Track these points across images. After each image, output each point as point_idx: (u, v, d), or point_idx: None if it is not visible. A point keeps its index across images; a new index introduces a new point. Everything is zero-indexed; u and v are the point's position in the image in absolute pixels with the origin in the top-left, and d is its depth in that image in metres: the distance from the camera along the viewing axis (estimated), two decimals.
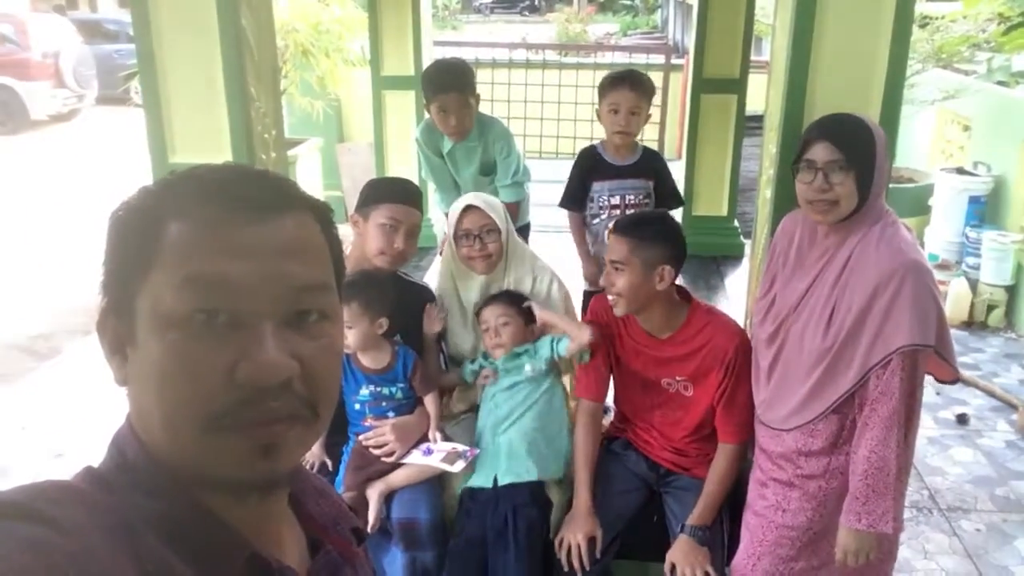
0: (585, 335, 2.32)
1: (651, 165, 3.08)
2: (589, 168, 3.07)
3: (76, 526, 0.60)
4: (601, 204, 3.03)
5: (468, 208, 2.48)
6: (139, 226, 0.70)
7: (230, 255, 0.68)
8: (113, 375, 0.73)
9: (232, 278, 0.67)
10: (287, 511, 0.81)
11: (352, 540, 0.88)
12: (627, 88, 2.91)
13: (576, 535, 2.20)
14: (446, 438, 2.38)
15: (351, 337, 2.23)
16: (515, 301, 2.47)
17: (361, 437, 2.30)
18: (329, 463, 2.33)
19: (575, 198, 3.10)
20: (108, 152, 10.62)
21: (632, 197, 3.00)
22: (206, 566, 0.67)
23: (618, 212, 2.99)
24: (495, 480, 2.29)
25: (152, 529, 0.65)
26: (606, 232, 2.98)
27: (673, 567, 2.18)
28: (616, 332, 2.38)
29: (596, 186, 3.04)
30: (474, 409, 2.57)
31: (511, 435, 2.35)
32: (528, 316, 2.46)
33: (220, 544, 0.69)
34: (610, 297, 2.23)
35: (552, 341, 2.41)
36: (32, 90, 12.78)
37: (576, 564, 2.18)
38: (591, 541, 2.21)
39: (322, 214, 0.77)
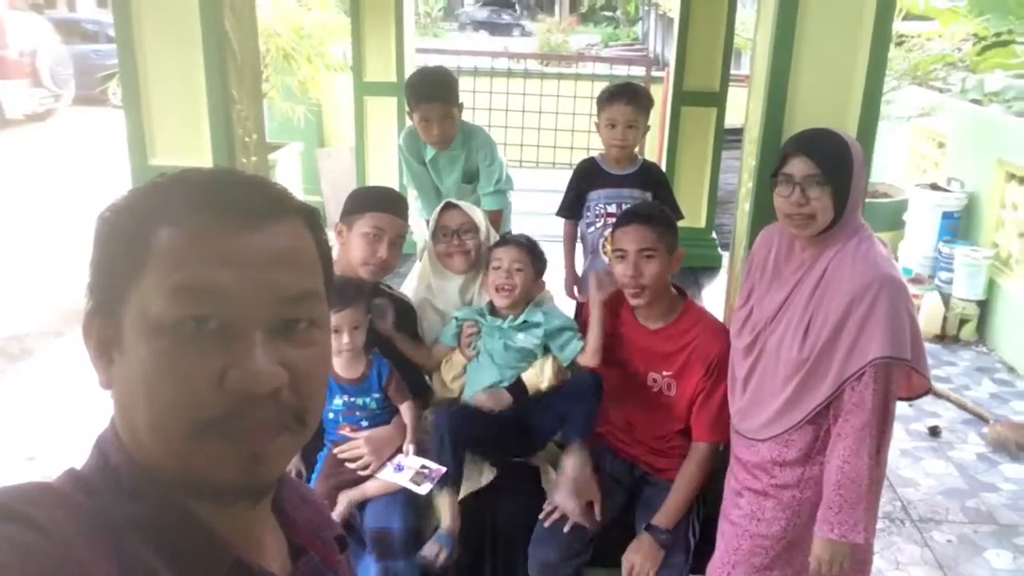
0: (595, 362, 2.36)
1: (650, 177, 3.06)
2: (586, 177, 3.06)
3: (59, 529, 0.60)
4: (597, 212, 3.01)
5: (448, 206, 2.56)
6: (128, 230, 0.69)
7: (221, 263, 0.67)
8: (98, 378, 0.72)
9: (223, 286, 0.67)
10: (270, 517, 0.81)
11: (334, 547, 0.88)
12: (623, 102, 2.90)
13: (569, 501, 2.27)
14: (419, 452, 2.36)
15: (357, 339, 2.22)
16: (532, 251, 2.44)
17: (336, 451, 2.28)
18: (303, 470, 2.32)
19: (571, 207, 3.10)
20: (84, 153, 10.51)
21: (628, 206, 2.95)
22: (189, 571, 0.67)
23: (613, 221, 2.98)
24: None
25: (135, 533, 0.65)
26: (601, 242, 2.99)
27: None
28: (611, 326, 2.42)
29: (593, 195, 3.03)
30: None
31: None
32: (538, 271, 2.46)
33: (203, 549, 0.69)
34: (632, 289, 2.26)
35: (558, 335, 2.41)
36: (8, 89, 12.63)
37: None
38: (590, 506, 2.29)
39: (312, 220, 0.77)
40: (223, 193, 0.71)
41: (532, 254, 2.43)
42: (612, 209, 2.98)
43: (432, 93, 2.99)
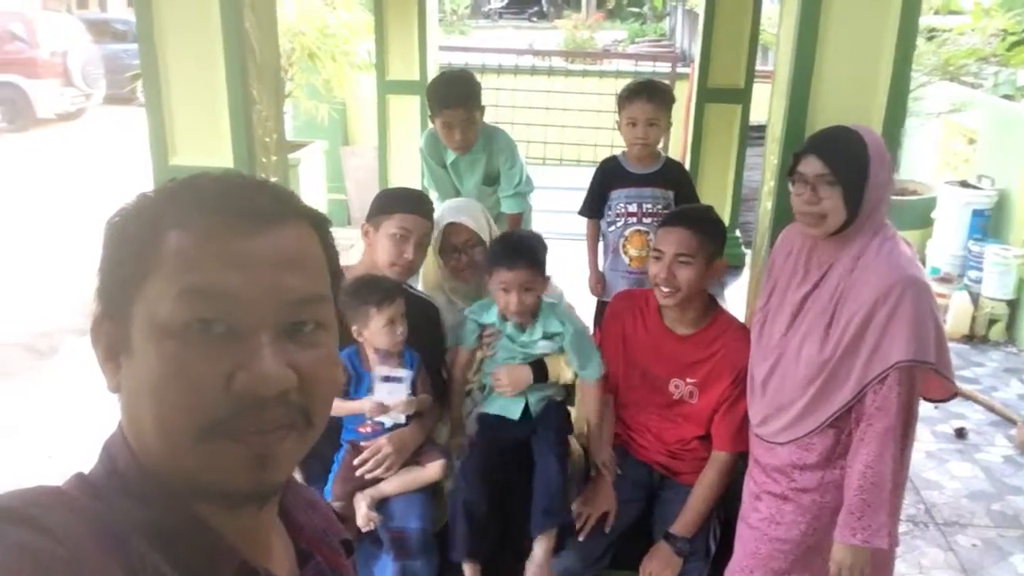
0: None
1: (673, 176, 3.02)
2: (609, 176, 3.03)
3: (67, 532, 0.60)
4: (618, 212, 2.99)
5: (450, 225, 2.51)
6: (137, 234, 0.70)
7: (229, 266, 0.68)
8: (106, 382, 0.73)
9: (230, 289, 0.68)
10: (277, 521, 0.81)
11: (341, 551, 0.88)
12: (644, 100, 2.86)
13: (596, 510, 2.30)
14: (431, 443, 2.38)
15: (398, 334, 2.23)
16: (536, 262, 2.29)
17: (357, 460, 2.26)
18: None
19: (593, 206, 3.08)
20: (114, 152, 10.64)
21: (650, 206, 2.95)
22: (195, 575, 0.68)
23: (635, 220, 2.96)
24: (526, 408, 2.37)
25: (142, 537, 0.65)
26: (621, 242, 2.98)
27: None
28: (633, 329, 2.40)
29: (614, 194, 3.00)
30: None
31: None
32: (544, 279, 2.33)
33: (210, 553, 0.70)
34: (664, 288, 2.22)
35: (581, 351, 2.38)
36: (39, 88, 12.83)
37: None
38: (604, 515, 2.31)
39: (320, 224, 0.78)
40: (231, 196, 0.71)
41: (536, 267, 2.30)
42: (633, 209, 2.96)
43: (454, 99, 2.97)
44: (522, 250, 2.30)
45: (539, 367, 2.37)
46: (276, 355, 0.68)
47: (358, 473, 2.25)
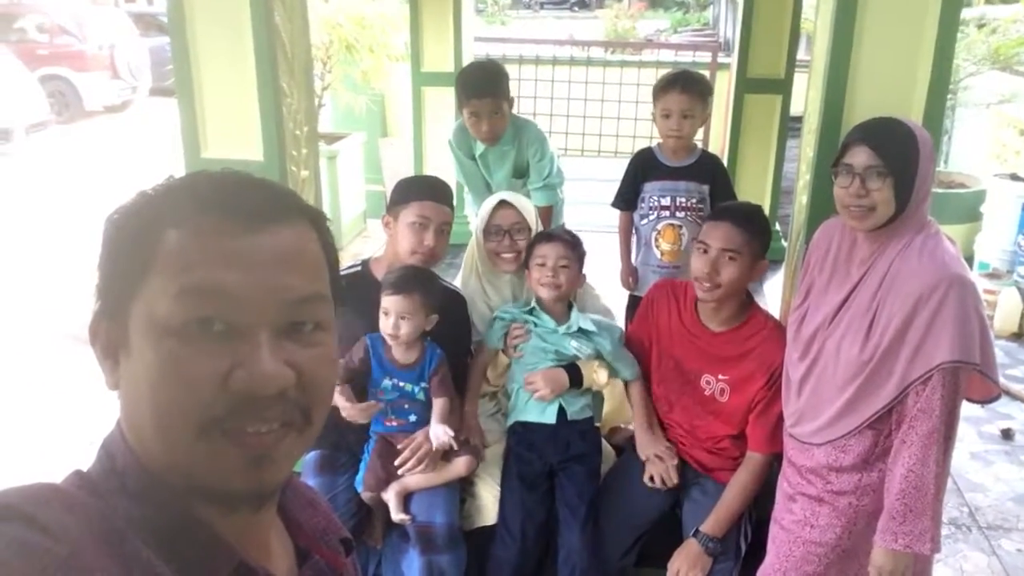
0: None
1: (708, 169, 2.96)
2: (642, 168, 2.99)
3: (65, 530, 0.60)
4: (651, 205, 2.94)
5: (501, 204, 2.51)
6: (136, 232, 0.70)
7: (227, 265, 0.68)
8: (104, 379, 0.73)
9: (229, 288, 0.68)
10: (276, 520, 0.82)
11: (340, 550, 0.88)
12: (678, 91, 2.81)
13: (657, 450, 2.33)
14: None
15: (405, 327, 2.21)
16: (575, 246, 2.40)
17: (398, 461, 2.25)
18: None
19: (626, 198, 3.03)
20: (158, 143, 10.81)
21: (683, 199, 2.90)
22: (193, 574, 0.68)
23: (667, 214, 2.91)
24: (560, 414, 2.36)
25: (140, 535, 0.65)
26: (654, 235, 2.94)
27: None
28: (668, 318, 2.38)
29: (648, 186, 2.95)
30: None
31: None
32: (581, 265, 2.42)
33: (208, 552, 0.70)
34: (706, 284, 2.18)
35: (616, 353, 2.42)
36: (87, 81, 13.11)
37: (658, 482, 2.30)
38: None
39: (319, 223, 0.77)
40: (230, 195, 0.71)
41: (575, 249, 2.40)
42: (666, 202, 2.91)
43: (481, 89, 2.96)
44: (561, 232, 2.47)
45: (573, 370, 2.36)
46: (274, 354, 0.68)
47: (400, 472, 2.25)
